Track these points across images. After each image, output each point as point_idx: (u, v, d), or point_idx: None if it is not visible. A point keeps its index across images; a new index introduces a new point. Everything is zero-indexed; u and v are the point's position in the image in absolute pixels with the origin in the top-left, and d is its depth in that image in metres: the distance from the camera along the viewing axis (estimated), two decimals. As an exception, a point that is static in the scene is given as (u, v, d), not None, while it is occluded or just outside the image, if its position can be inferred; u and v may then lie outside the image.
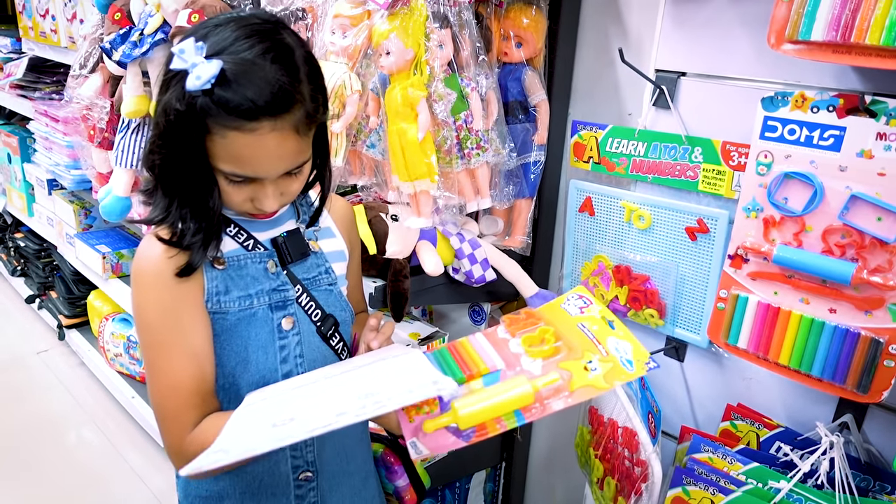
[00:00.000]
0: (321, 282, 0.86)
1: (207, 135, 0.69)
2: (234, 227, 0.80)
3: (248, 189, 0.74)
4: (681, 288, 1.14)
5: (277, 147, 0.71)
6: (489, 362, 0.72)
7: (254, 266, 0.80)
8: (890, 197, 0.81)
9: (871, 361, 0.85)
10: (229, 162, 0.71)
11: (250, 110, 0.67)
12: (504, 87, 1.25)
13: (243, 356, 0.80)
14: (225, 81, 0.67)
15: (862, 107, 0.81)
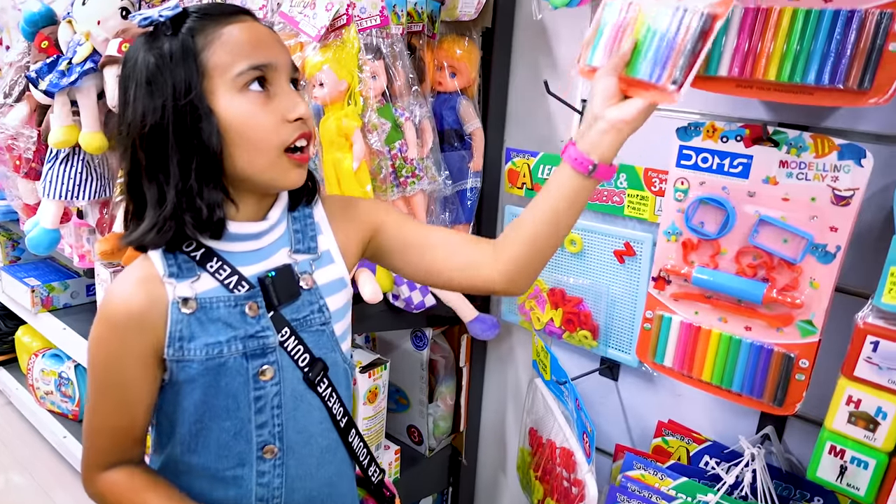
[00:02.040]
0: (312, 322, 0.77)
1: (204, 55, 0.66)
2: (216, 262, 0.72)
3: (271, 104, 0.68)
4: (612, 309, 1.18)
5: (271, 35, 0.70)
6: None
7: (227, 310, 0.72)
8: (794, 220, 0.86)
9: (784, 376, 0.90)
10: (239, 57, 0.66)
11: (232, 10, 0.69)
12: (439, 116, 1.28)
13: (211, 405, 0.73)
14: (192, 10, 0.68)
15: (766, 136, 0.87)
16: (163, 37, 0.67)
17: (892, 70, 0.72)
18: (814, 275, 0.86)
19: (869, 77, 0.73)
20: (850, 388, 0.82)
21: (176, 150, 0.66)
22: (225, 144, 0.67)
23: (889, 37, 0.72)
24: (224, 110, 0.67)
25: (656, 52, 0.72)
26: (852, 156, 0.81)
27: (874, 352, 0.79)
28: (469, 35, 1.26)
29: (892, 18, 0.71)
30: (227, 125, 0.67)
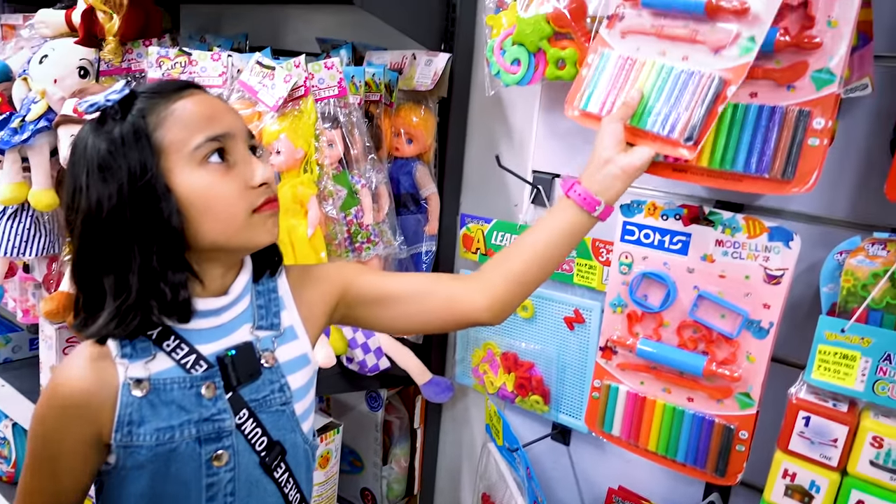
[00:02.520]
0: (272, 402, 0.74)
1: (158, 134, 0.65)
2: (173, 341, 0.69)
3: (233, 171, 0.67)
4: (562, 375, 1.19)
5: (223, 104, 0.71)
6: None
7: (182, 392, 0.69)
8: (730, 297, 0.90)
9: (725, 446, 0.92)
10: (195, 130, 0.66)
11: (179, 85, 0.69)
12: (396, 180, 1.30)
13: (159, 494, 0.69)
14: (140, 90, 0.68)
15: (702, 216, 0.91)
16: (111, 121, 0.66)
17: (811, 162, 0.77)
18: (750, 349, 0.89)
19: (791, 168, 0.78)
20: (785, 461, 0.84)
21: (136, 235, 0.65)
22: (189, 219, 0.66)
23: (808, 132, 0.77)
24: (184, 186, 0.66)
25: (666, 106, 0.79)
26: (781, 238, 0.86)
27: (806, 426, 0.82)
28: (426, 103, 1.30)
29: (809, 115, 0.77)
30: (190, 200, 0.66)
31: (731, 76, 0.77)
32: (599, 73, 0.87)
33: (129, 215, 0.64)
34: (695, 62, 0.80)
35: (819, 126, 0.77)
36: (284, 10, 1.63)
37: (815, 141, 0.77)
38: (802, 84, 0.78)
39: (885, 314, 0.80)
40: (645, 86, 0.82)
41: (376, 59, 1.33)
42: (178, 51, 1.14)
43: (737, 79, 0.77)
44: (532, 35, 1.00)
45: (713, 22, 0.80)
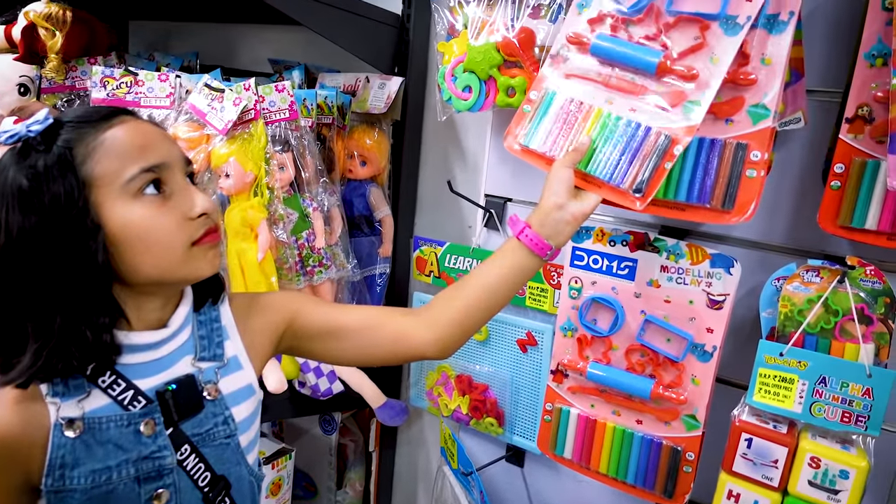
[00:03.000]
0: (216, 436, 0.71)
1: (87, 166, 0.61)
2: (109, 376, 0.65)
3: (170, 202, 0.65)
4: (516, 397, 1.20)
5: (157, 131, 0.67)
6: None
7: (119, 430, 0.65)
8: (675, 321, 0.92)
9: (673, 468, 0.94)
10: (128, 161, 0.62)
11: (109, 112, 0.65)
12: (350, 203, 1.29)
13: None
14: (66, 119, 0.63)
15: (648, 243, 0.93)
16: (34, 152, 0.60)
17: (750, 192, 0.80)
18: (695, 372, 0.91)
19: (730, 199, 0.81)
20: (729, 482, 0.87)
21: (59, 273, 0.61)
22: (122, 255, 0.63)
23: (745, 164, 0.80)
24: (117, 221, 0.62)
25: (616, 155, 0.81)
26: (723, 264, 0.88)
27: (749, 448, 0.84)
28: (379, 126, 1.30)
29: (747, 148, 0.80)
30: (123, 235, 0.63)
31: (678, 135, 0.79)
32: (543, 113, 0.88)
33: (52, 252, 0.60)
34: (642, 115, 0.82)
35: (756, 158, 0.80)
36: (236, 28, 1.61)
37: (752, 172, 0.80)
38: (740, 118, 0.81)
39: (819, 338, 0.83)
40: (593, 132, 0.84)
41: (329, 81, 1.32)
42: (123, 70, 1.12)
43: (683, 138, 0.79)
44: (482, 63, 1.02)
45: (661, 80, 0.82)
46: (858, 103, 0.79)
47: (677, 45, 0.81)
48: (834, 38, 0.89)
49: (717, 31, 0.79)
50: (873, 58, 0.78)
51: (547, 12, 0.98)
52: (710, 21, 0.80)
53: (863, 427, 0.80)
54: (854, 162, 0.80)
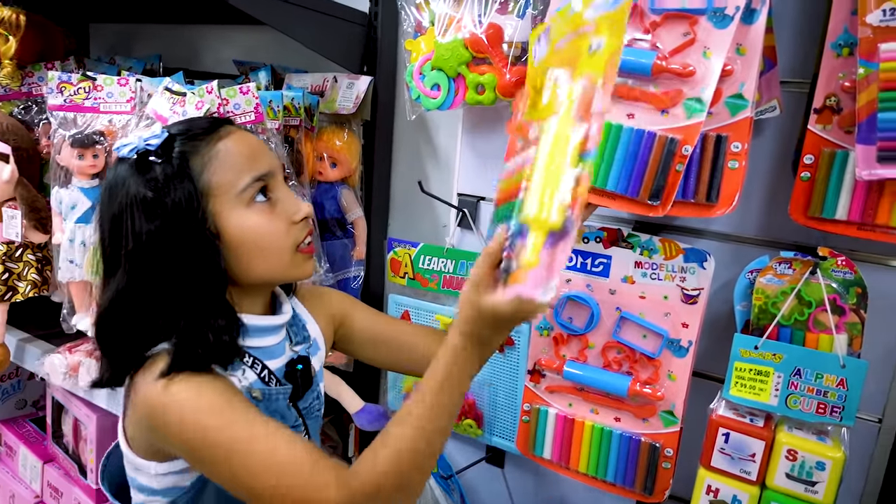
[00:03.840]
0: (313, 409, 0.79)
1: (205, 177, 0.66)
2: (249, 358, 0.72)
3: (277, 210, 0.70)
4: (495, 398, 1.18)
5: (257, 140, 0.73)
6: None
7: (281, 402, 0.73)
8: (651, 317, 0.91)
9: (652, 464, 0.93)
10: (241, 172, 0.68)
11: (215, 124, 0.70)
12: (321, 205, 1.27)
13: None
14: (177, 132, 0.69)
15: (621, 239, 0.92)
16: (154, 165, 0.66)
17: (733, 184, 0.79)
18: (671, 368, 0.91)
19: (715, 191, 0.80)
20: (708, 477, 0.86)
21: (182, 277, 0.65)
22: (239, 259, 0.68)
23: (727, 156, 0.79)
24: (235, 227, 0.68)
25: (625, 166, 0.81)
26: (696, 259, 0.88)
27: (726, 443, 0.84)
28: (349, 127, 1.27)
29: (727, 140, 0.79)
30: (241, 240, 0.68)
31: (683, 136, 0.79)
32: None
33: (177, 256, 0.65)
34: (641, 121, 0.81)
35: (737, 149, 0.80)
36: (200, 29, 1.57)
37: (734, 164, 0.80)
38: (719, 110, 0.80)
39: (794, 330, 0.83)
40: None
41: (296, 81, 1.30)
42: (80, 76, 1.08)
43: (690, 139, 0.78)
44: (451, 60, 1.00)
45: (657, 81, 0.81)
46: (826, 93, 0.79)
47: (667, 44, 0.81)
48: (803, 27, 0.89)
49: (707, 25, 0.78)
50: (840, 47, 0.77)
51: (515, 7, 0.97)
52: (698, 16, 0.79)
53: (838, 418, 0.80)
54: (823, 153, 0.80)
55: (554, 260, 0.55)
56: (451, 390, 0.64)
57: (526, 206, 0.58)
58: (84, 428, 1.38)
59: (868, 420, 0.92)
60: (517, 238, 0.59)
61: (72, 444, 1.42)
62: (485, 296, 0.61)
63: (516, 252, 0.58)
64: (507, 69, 0.98)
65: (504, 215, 0.65)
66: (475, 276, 0.64)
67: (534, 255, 0.55)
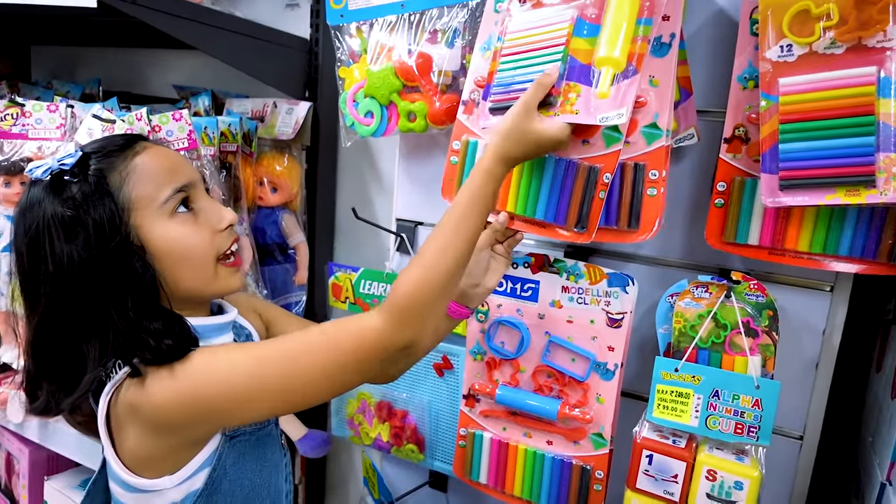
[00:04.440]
0: None
1: (124, 192, 0.67)
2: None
3: (200, 219, 0.71)
4: (436, 422, 1.18)
5: (174, 153, 0.75)
6: None
7: None
8: (578, 341, 0.93)
9: (584, 487, 0.94)
10: (161, 185, 0.68)
11: (129, 140, 0.71)
12: (261, 230, 1.27)
13: (258, 482, 0.74)
14: (91, 150, 0.70)
15: (548, 265, 0.94)
16: (69, 185, 0.66)
17: (653, 210, 0.82)
18: (599, 391, 0.92)
19: (635, 218, 0.82)
20: (634, 499, 0.87)
21: (109, 293, 0.65)
22: (164, 270, 0.68)
23: (645, 183, 0.82)
24: (159, 239, 0.68)
25: (552, 196, 0.85)
26: (619, 283, 0.90)
27: (650, 464, 0.85)
28: (289, 151, 1.28)
29: (645, 168, 0.82)
30: (166, 252, 0.68)
31: (604, 164, 0.82)
32: (471, 162, 0.91)
33: (101, 274, 0.64)
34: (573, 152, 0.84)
35: (655, 177, 0.82)
36: (142, 53, 1.56)
37: (653, 191, 0.82)
38: (635, 139, 0.83)
39: (711, 352, 0.85)
40: (524, 176, 0.86)
41: (237, 106, 1.30)
42: (7, 101, 1.06)
43: (610, 167, 0.81)
44: (382, 88, 1.01)
45: None
46: (735, 124, 0.82)
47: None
48: (716, 59, 0.92)
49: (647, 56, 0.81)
50: (745, 80, 0.81)
51: (443, 37, 0.99)
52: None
53: (755, 437, 0.82)
54: (734, 180, 0.83)
55: (623, 93, 0.74)
56: (480, 207, 0.72)
57: (597, 50, 0.77)
58: (17, 462, 1.34)
59: (790, 437, 0.94)
60: (562, 80, 0.77)
61: (4, 479, 1.38)
62: (535, 121, 0.74)
63: (562, 90, 0.77)
64: (437, 97, 0.99)
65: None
66: (527, 104, 0.75)
67: (606, 88, 0.75)
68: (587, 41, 0.79)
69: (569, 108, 0.77)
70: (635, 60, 0.76)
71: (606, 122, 0.74)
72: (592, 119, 0.75)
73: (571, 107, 0.77)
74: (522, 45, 0.84)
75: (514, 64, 0.83)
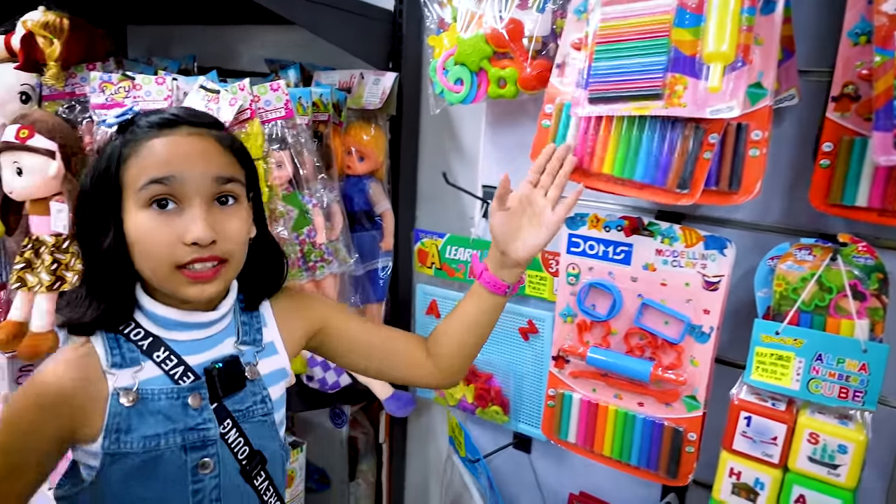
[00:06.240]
0: (255, 413, 0.77)
1: (123, 167, 0.68)
2: (163, 352, 0.72)
3: (171, 222, 0.67)
4: (520, 385, 1.21)
5: (198, 144, 0.70)
6: None
7: (169, 402, 0.71)
8: (672, 303, 0.93)
9: (675, 448, 0.95)
10: (143, 172, 0.67)
11: (170, 120, 0.70)
12: (349, 198, 1.31)
13: (146, 500, 0.71)
14: (136, 116, 0.72)
15: (642, 227, 0.94)
16: (112, 137, 0.71)
17: (754, 172, 0.81)
18: (693, 353, 0.92)
19: (736, 179, 0.81)
20: (730, 460, 0.88)
21: (92, 248, 0.70)
22: (132, 253, 0.69)
23: (748, 144, 0.81)
24: (128, 222, 0.69)
25: (651, 156, 0.84)
26: (716, 246, 0.89)
27: (748, 426, 0.85)
28: (376, 121, 1.31)
29: (748, 129, 0.80)
30: (131, 238, 0.69)
31: (709, 125, 0.81)
32: (565, 125, 0.91)
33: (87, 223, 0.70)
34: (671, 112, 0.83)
35: (758, 137, 0.81)
36: (233, 30, 1.62)
37: (755, 152, 0.81)
38: (739, 99, 0.81)
39: (814, 316, 0.83)
40: (622, 138, 0.86)
41: (325, 78, 1.33)
42: (120, 75, 1.13)
43: (717, 127, 0.80)
44: (473, 55, 1.03)
45: None
46: (844, 81, 0.79)
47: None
48: (820, 16, 0.89)
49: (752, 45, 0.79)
50: (857, 36, 0.78)
51: (535, 3, 0.99)
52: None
53: (860, 402, 0.81)
54: (842, 140, 0.81)
55: (733, 85, 0.76)
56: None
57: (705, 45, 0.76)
58: None
59: (892, 406, 0.92)
60: (667, 71, 0.79)
61: None
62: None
63: (668, 82, 0.79)
64: (528, 63, 1.00)
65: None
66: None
67: (718, 83, 0.75)
68: (689, 31, 0.79)
69: (676, 101, 0.77)
70: (741, 51, 0.76)
71: (717, 116, 0.75)
72: (702, 112, 0.76)
73: (679, 99, 0.77)
74: (620, 34, 0.83)
75: (614, 53, 0.83)
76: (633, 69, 0.80)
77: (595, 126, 0.87)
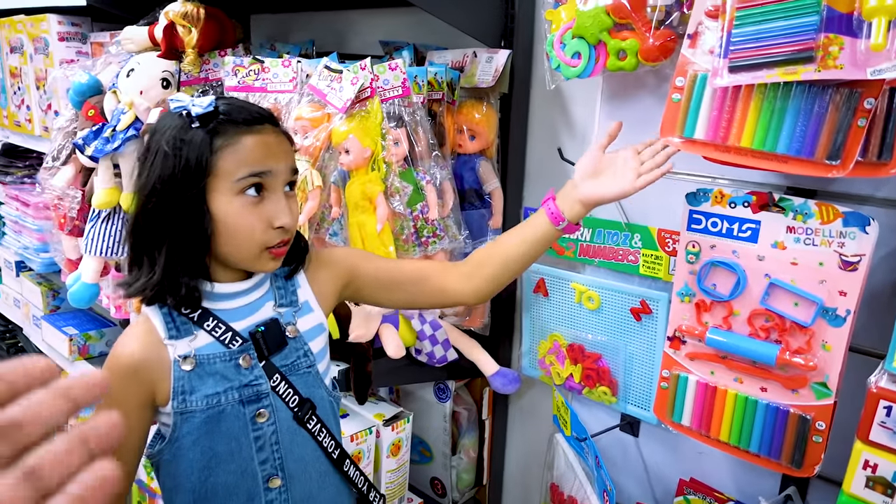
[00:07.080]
0: (300, 366, 0.87)
1: (215, 157, 0.75)
2: (211, 321, 0.82)
3: (260, 208, 0.78)
4: (630, 366, 1.19)
5: (280, 144, 0.80)
6: None
7: (223, 364, 0.81)
8: (803, 284, 0.88)
9: (801, 437, 0.90)
10: (243, 164, 0.76)
11: (257, 118, 0.78)
12: (460, 176, 1.33)
13: (216, 452, 0.81)
14: (221, 111, 0.78)
15: (772, 203, 0.89)
16: (190, 125, 0.76)
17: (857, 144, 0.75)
18: (825, 338, 0.87)
19: (888, 149, 0.76)
20: (866, 452, 0.82)
21: (170, 231, 0.77)
22: (215, 234, 0.77)
23: (857, 112, 0.75)
24: (219, 209, 0.77)
25: (796, 127, 0.80)
26: (857, 223, 0.83)
27: (888, 416, 0.80)
28: (487, 100, 1.32)
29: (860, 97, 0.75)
30: (220, 221, 0.77)
31: (865, 88, 0.75)
32: (698, 98, 0.87)
33: (170, 212, 0.76)
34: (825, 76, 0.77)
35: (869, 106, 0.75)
36: (347, 15, 1.68)
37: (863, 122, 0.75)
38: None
39: (972, 299, 0.76)
40: (764, 108, 0.81)
41: (438, 58, 1.36)
42: (251, 59, 1.21)
43: (874, 91, 0.74)
44: (592, 27, 1.01)
45: None
46: None
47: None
48: None
49: None
50: None
51: (660, -30, 0.96)
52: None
53: None
54: None
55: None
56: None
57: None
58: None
59: None
60: (820, 32, 0.73)
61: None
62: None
63: (821, 43, 0.73)
64: (651, 33, 0.97)
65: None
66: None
67: (882, 39, 0.69)
68: (844, -13, 0.73)
69: (831, 63, 0.73)
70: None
71: (879, 76, 0.69)
72: (862, 73, 0.70)
73: (835, 61, 0.72)
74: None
75: (757, 17, 0.78)
76: (779, 32, 0.75)
77: (733, 97, 0.83)
